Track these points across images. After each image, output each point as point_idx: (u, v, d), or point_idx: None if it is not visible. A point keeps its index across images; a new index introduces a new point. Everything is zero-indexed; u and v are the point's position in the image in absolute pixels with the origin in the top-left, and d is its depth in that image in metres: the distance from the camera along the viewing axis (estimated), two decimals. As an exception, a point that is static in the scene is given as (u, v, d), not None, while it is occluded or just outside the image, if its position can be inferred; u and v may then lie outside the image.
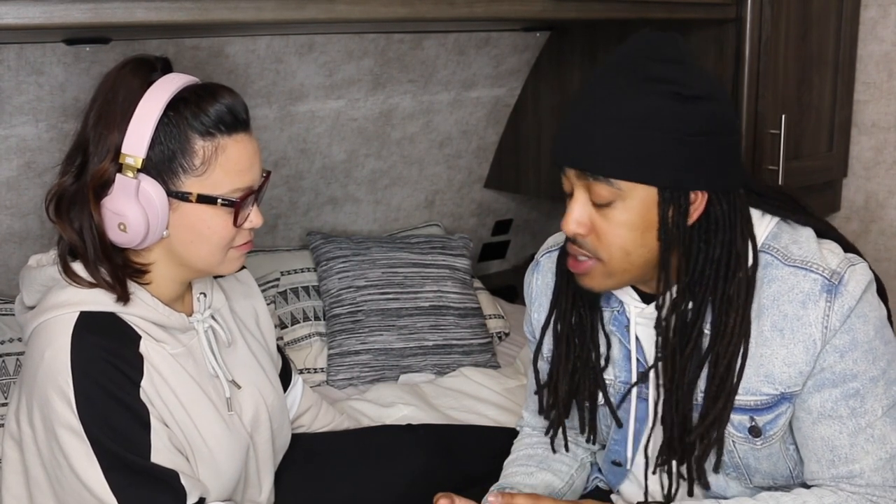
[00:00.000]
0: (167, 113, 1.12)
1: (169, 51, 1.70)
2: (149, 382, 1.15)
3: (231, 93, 1.17)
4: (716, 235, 1.15)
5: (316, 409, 1.59)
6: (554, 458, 1.39)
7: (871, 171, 2.31)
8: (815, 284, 1.13)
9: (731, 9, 1.89)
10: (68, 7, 1.13)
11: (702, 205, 1.14)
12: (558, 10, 1.63)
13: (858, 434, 1.13)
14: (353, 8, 1.36)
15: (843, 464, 1.14)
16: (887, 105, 2.26)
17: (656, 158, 1.11)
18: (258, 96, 1.94)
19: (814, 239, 1.19)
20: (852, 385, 1.13)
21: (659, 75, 1.11)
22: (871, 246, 2.34)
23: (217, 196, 1.15)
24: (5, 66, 1.57)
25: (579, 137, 1.14)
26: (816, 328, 1.12)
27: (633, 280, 1.20)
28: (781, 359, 1.14)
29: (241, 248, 1.22)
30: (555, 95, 2.33)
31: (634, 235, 1.13)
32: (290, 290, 2.12)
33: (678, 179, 1.12)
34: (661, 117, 1.10)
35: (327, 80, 2.01)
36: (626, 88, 1.11)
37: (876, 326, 1.14)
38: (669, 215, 1.12)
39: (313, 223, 2.33)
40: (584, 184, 1.14)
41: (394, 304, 2.11)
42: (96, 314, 1.15)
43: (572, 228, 1.15)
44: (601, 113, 1.12)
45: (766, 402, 1.16)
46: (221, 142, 1.14)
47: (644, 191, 1.12)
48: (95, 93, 1.17)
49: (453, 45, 2.14)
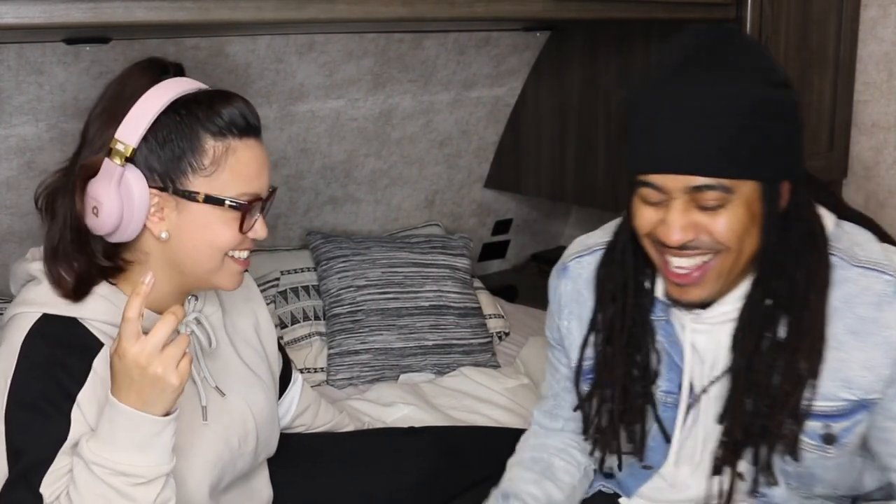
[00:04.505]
0: (179, 111, 1.11)
1: (169, 51, 1.70)
2: (91, 392, 1.11)
3: (244, 100, 1.17)
4: (797, 225, 1.11)
5: (315, 408, 1.58)
6: (558, 467, 1.33)
7: (871, 171, 2.31)
8: (889, 286, 1.09)
9: (731, 9, 1.89)
10: (68, 7, 1.13)
11: (787, 195, 1.10)
12: (558, 10, 1.63)
13: None
14: (353, 8, 1.36)
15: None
16: (887, 105, 2.26)
17: (763, 150, 1.05)
18: (258, 96, 1.94)
19: (875, 241, 1.15)
20: None
21: (752, 63, 1.06)
22: (871, 246, 2.34)
23: (225, 198, 1.14)
24: (5, 66, 1.57)
25: (678, 139, 1.05)
26: (895, 331, 1.08)
27: (733, 281, 1.14)
28: (859, 363, 1.09)
29: (239, 262, 1.19)
30: (555, 95, 2.33)
31: (745, 227, 1.07)
32: (290, 289, 2.12)
33: (779, 170, 1.07)
34: (764, 105, 1.04)
35: (327, 80, 2.01)
36: (723, 79, 1.04)
37: None
38: (773, 208, 1.08)
39: (313, 223, 2.33)
40: (688, 188, 1.05)
41: (394, 304, 2.11)
42: (57, 318, 1.13)
43: (678, 237, 1.07)
44: (701, 107, 1.04)
45: (843, 409, 1.11)
46: (232, 144, 1.14)
47: (750, 186, 1.06)
48: (103, 90, 1.16)
49: (453, 44, 2.14)
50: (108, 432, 1.04)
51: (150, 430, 1.05)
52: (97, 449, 1.04)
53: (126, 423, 1.04)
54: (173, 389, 1.04)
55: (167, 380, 1.03)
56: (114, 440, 1.04)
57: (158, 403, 1.04)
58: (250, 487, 1.38)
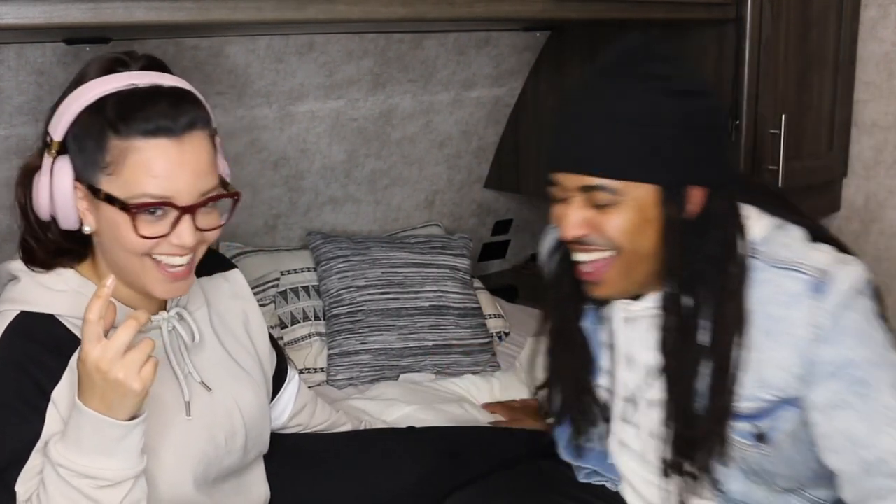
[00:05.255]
0: (94, 109, 1.11)
1: (169, 51, 1.70)
2: (67, 389, 1.10)
3: (175, 98, 1.12)
4: (712, 231, 1.14)
5: (312, 407, 1.57)
6: None
7: (871, 171, 2.31)
8: (800, 284, 1.11)
9: (731, 9, 1.89)
10: (68, 7, 1.13)
11: (700, 200, 1.14)
12: (558, 10, 1.63)
13: (874, 417, 1.09)
14: (353, 8, 1.35)
15: (865, 449, 1.09)
16: (887, 105, 2.26)
17: (656, 156, 1.10)
18: (258, 96, 1.94)
19: (804, 240, 1.17)
20: (854, 373, 1.09)
21: (652, 73, 1.11)
22: (871, 246, 2.34)
23: (119, 198, 1.10)
24: (5, 66, 1.57)
25: (576, 141, 1.13)
26: (804, 329, 1.10)
27: (642, 282, 1.18)
28: (774, 363, 1.12)
29: (163, 268, 1.14)
30: (555, 95, 2.33)
31: (635, 229, 1.13)
32: (290, 289, 2.12)
33: (677, 176, 1.12)
34: (658, 114, 1.09)
35: (327, 80, 2.01)
36: (620, 88, 1.11)
37: (868, 318, 1.11)
38: (673, 213, 1.12)
39: (313, 223, 2.33)
40: (580, 187, 1.13)
41: (394, 304, 2.11)
42: (34, 316, 1.14)
43: (573, 231, 1.15)
44: (597, 114, 1.11)
45: (764, 409, 1.14)
46: (135, 144, 1.09)
47: (644, 189, 1.11)
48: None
49: (453, 45, 2.14)
50: (75, 435, 1.05)
51: (115, 435, 1.04)
52: (64, 451, 1.05)
53: (91, 426, 1.04)
54: (135, 395, 1.03)
55: (129, 385, 1.02)
56: (80, 443, 1.04)
57: (121, 408, 1.04)
58: (244, 483, 1.37)
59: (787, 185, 2.01)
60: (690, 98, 1.11)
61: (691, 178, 1.12)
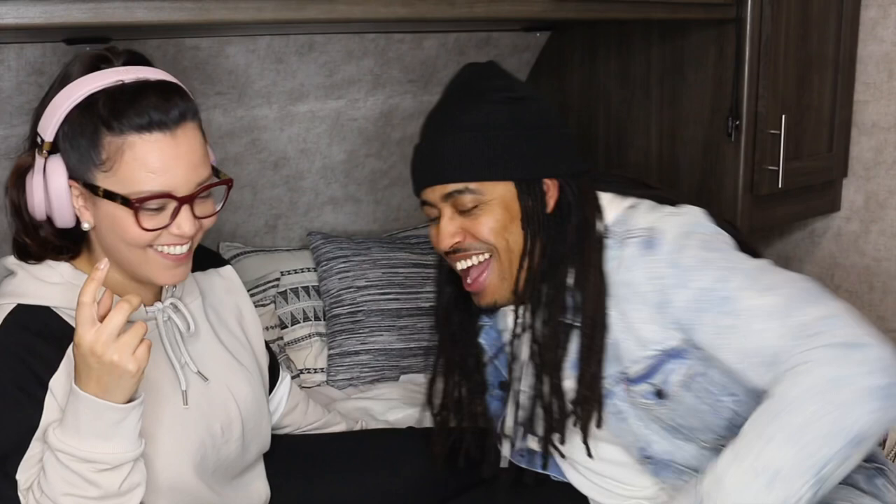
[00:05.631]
0: (84, 107, 1.12)
1: (169, 51, 1.70)
2: (65, 378, 1.12)
3: (166, 92, 1.13)
4: (570, 219, 1.26)
5: (304, 406, 1.58)
6: None
7: (871, 171, 2.31)
8: (634, 247, 1.21)
9: (731, 9, 1.88)
10: (68, 7, 1.13)
11: (555, 192, 1.27)
12: (558, 10, 1.63)
13: (751, 323, 1.13)
14: (353, 8, 1.35)
15: (760, 354, 1.12)
16: (887, 105, 2.26)
17: (504, 155, 1.24)
18: (258, 96, 1.94)
19: (647, 207, 1.26)
20: (713, 297, 1.15)
21: (490, 87, 1.27)
22: (871, 246, 2.34)
23: (120, 194, 1.11)
24: (5, 66, 1.57)
25: (432, 156, 1.27)
26: (649, 284, 1.19)
27: (522, 283, 1.27)
28: (642, 322, 1.21)
29: (167, 256, 1.17)
30: (555, 95, 2.33)
31: (503, 228, 1.24)
32: (290, 290, 2.12)
33: (527, 171, 1.25)
34: (499, 118, 1.24)
35: (327, 80, 2.01)
36: (464, 104, 1.26)
37: (706, 245, 1.19)
38: (529, 205, 1.24)
39: (313, 223, 2.33)
40: (447, 200, 1.25)
41: (394, 305, 2.11)
42: (31, 308, 1.16)
43: (447, 242, 1.26)
44: (445, 130, 1.26)
45: (651, 365, 1.22)
46: (129, 139, 1.10)
47: (502, 188, 1.24)
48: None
49: (453, 45, 2.14)
50: (73, 420, 1.06)
51: (112, 418, 1.06)
52: (62, 437, 1.06)
53: (88, 411, 1.05)
54: (131, 376, 1.04)
55: (124, 367, 1.03)
56: (78, 428, 1.06)
57: (118, 391, 1.05)
58: (245, 482, 1.38)
59: (787, 186, 2.02)
60: (525, 102, 1.26)
61: (541, 171, 1.26)
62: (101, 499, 1.07)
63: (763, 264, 1.20)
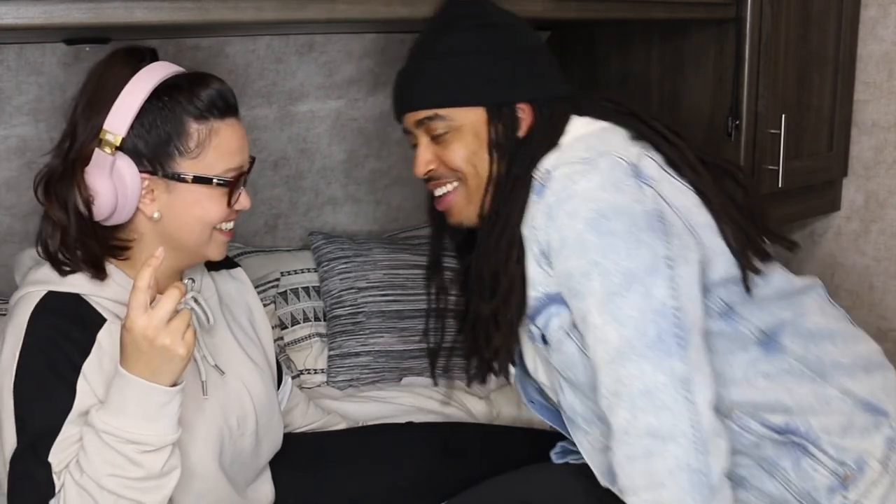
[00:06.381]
0: (161, 98, 1.16)
1: (169, 51, 1.70)
2: (96, 364, 1.15)
3: (220, 80, 1.23)
4: (533, 142, 1.25)
5: (304, 407, 1.60)
6: None
7: (871, 171, 2.31)
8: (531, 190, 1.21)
9: (731, 9, 1.88)
10: (68, 7, 1.13)
11: (529, 116, 1.26)
12: (558, 10, 1.63)
13: (593, 340, 1.14)
14: (353, 8, 1.36)
15: (596, 369, 1.15)
16: (887, 105, 2.26)
17: (472, 81, 1.24)
18: (258, 96, 1.94)
19: (584, 145, 1.22)
20: (573, 284, 1.15)
21: (463, 13, 1.28)
22: (871, 246, 2.34)
23: (212, 176, 1.19)
24: (5, 66, 1.58)
25: (406, 84, 1.29)
26: (529, 230, 1.20)
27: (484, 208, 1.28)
28: (531, 259, 1.21)
29: (226, 233, 1.26)
30: (555, 95, 2.32)
31: (474, 152, 1.25)
32: (290, 290, 2.12)
33: (498, 95, 1.25)
34: (469, 43, 1.25)
35: (327, 80, 2.01)
36: (437, 32, 1.28)
37: (588, 219, 1.14)
38: (497, 130, 1.25)
39: (313, 223, 2.33)
40: (421, 126, 1.28)
41: (395, 306, 2.11)
42: (61, 295, 1.17)
43: (422, 169, 1.30)
44: (418, 58, 1.29)
45: (536, 307, 1.22)
46: (214, 125, 1.19)
47: (473, 114, 1.25)
48: (86, 80, 1.20)
49: (453, 45, 2.14)
50: (119, 402, 1.08)
51: (159, 400, 1.09)
52: (108, 418, 1.08)
53: (136, 393, 1.08)
54: (181, 359, 1.08)
55: (175, 350, 1.07)
56: (124, 410, 1.08)
57: (167, 374, 1.09)
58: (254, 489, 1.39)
59: (787, 185, 2.02)
60: (496, 28, 1.27)
61: (513, 95, 1.25)
62: (143, 479, 1.09)
63: (641, 274, 1.12)
